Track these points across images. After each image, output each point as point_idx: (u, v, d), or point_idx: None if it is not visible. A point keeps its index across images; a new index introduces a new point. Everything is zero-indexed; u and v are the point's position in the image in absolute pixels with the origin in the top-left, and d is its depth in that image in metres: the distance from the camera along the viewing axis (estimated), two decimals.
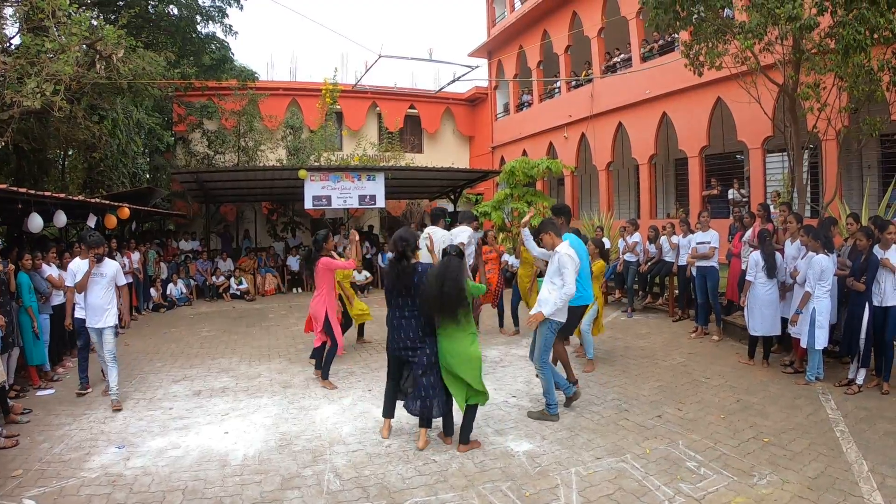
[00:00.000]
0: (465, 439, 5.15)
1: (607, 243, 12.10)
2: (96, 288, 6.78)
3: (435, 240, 7.51)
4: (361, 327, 9.54)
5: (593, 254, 7.97)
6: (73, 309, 7.43)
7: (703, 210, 10.35)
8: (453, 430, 5.31)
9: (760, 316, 7.55)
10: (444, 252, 5.21)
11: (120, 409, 6.48)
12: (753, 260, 7.63)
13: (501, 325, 10.13)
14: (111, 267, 6.95)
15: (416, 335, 5.18)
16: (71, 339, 8.69)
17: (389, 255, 5.97)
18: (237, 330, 11.29)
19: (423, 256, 6.44)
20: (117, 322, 6.95)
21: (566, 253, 5.70)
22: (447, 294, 4.82)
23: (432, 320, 5.11)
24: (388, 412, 5.53)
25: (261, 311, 13.64)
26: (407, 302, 5.22)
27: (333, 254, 7.58)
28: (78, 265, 6.98)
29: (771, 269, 7.45)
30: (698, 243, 9.45)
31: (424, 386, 5.11)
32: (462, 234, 8.01)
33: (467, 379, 5.01)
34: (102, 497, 4.41)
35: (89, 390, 7.27)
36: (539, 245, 6.16)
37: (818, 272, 6.70)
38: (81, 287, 6.82)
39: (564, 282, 5.60)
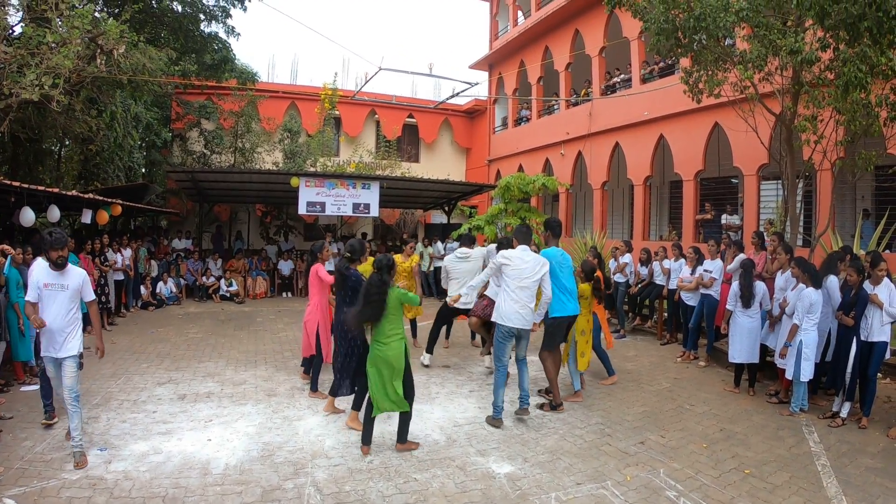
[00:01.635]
0: (402, 439, 5.57)
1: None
2: (54, 305, 5.24)
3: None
4: None
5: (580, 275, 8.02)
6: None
7: (711, 238, 10.32)
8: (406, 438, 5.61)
9: (740, 343, 7.64)
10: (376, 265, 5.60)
11: (84, 466, 4.96)
12: (733, 290, 7.78)
13: (473, 337, 10.25)
14: (75, 277, 5.36)
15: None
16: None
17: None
18: (225, 333, 11.26)
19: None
20: (81, 350, 5.41)
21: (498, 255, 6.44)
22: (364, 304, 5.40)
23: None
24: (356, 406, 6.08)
25: (249, 315, 13.61)
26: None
27: (326, 265, 7.63)
28: (39, 272, 5.31)
29: (747, 299, 7.54)
30: (704, 271, 9.52)
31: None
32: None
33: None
34: (83, 500, 4.39)
35: (55, 420, 5.95)
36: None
37: (807, 305, 6.75)
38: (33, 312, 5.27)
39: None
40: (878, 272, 6.61)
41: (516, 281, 6.20)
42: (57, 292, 5.26)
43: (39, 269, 5.34)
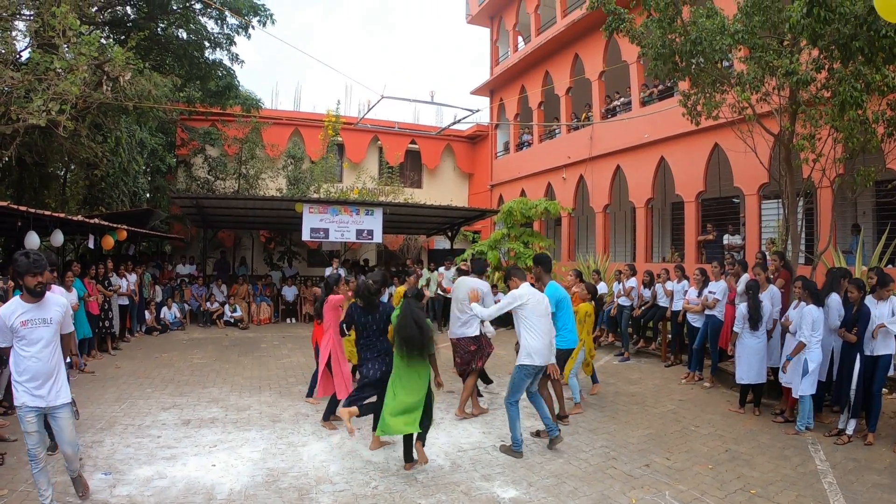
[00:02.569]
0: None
1: (602, 288, 12.22)
2: (38, 345, 4.37)
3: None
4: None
5: (584, 297, 8.20)
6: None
7: (716, 261, 10.31)
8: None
9: (748, 364, 7.65)
10: (405, 295, 5.96)
11: (88, 494, 4.81)
12: (740, 312, 7.79)
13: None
14: (57, 307, 4.54)
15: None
16: None
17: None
18: (229, 358, 11.26)
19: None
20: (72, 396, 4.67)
21: (514, 293, 6.27)
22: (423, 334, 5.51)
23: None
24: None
25: (254, 340, 13.61)
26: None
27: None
28: (9, 309, 4.41)
29: (755, 321, 7.57)
30: (708, 292, 9.54)
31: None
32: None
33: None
34: None
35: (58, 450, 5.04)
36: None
37: (810, 322, 6.77)
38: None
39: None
40: (886, 291, 6.66)
41: (538, 316, 6.16)
42: (38, 329, 4.38)
43: (11, 305, 4.43)
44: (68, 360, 5.50)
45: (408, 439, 5.63)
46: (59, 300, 4.62)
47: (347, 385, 6.80)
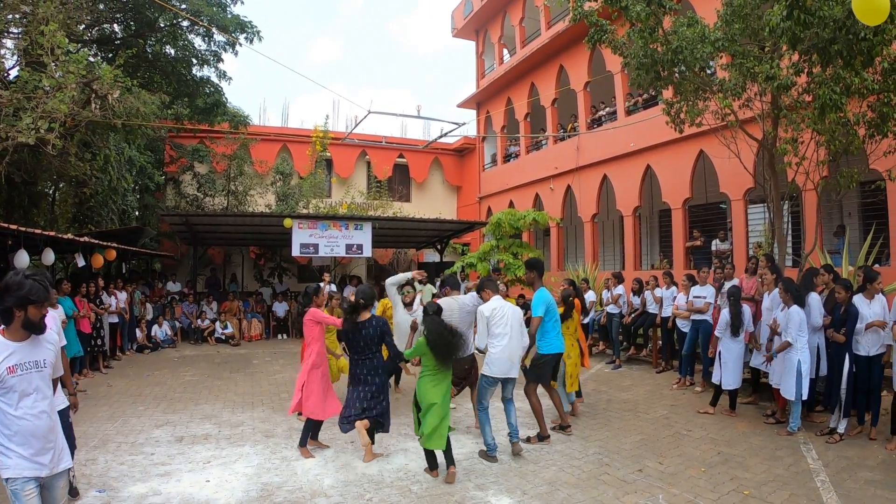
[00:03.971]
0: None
1: (591, 296, 12.31)
2: (31, 396, 3.28)
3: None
4: None
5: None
6: None
7: (703, 266, 10.35)
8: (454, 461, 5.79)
9: (735, 369, 7.75)
10: (425, 311, 6.11)
11: None
12: (724, 318, 7.88)
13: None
14: (49, 344, 3.47)
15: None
16: None
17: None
18: (221, 375, 11.23)
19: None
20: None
21: (480, 311, 6.52)
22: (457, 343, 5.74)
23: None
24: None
25: (245, 357, 13.57)
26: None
27: (321, 310, 7.03)
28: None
29: (737, 328, 7.68)
30: (695, 297, 9.62)
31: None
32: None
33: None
34: None
35: None
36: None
37: (797, 323, 6.85)
38: None
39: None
40: (876, 286, 6.76)
41: (503, 329, 6.39)
42: (31, 375, 3.29)
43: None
44: (65, 402, 4.75)
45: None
46: (52, 336, 3.49)
47: (316, 406, 6.50)
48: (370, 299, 6.24)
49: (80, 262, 11.74)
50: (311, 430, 6.64)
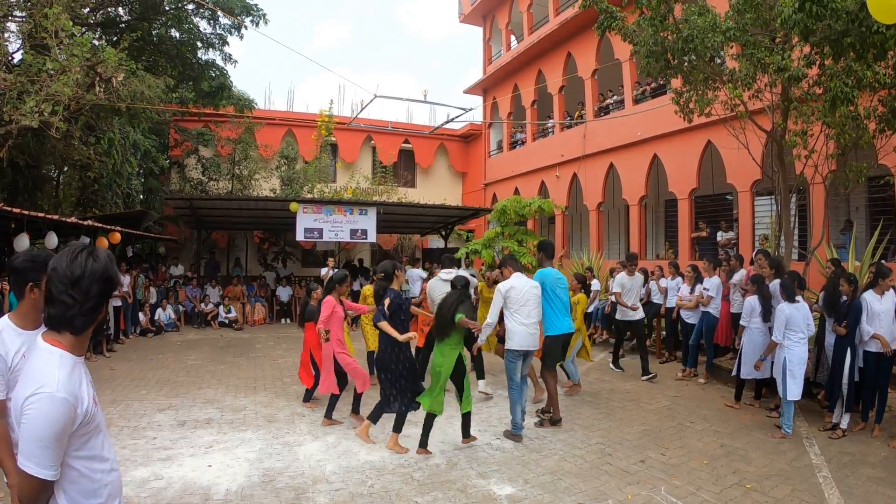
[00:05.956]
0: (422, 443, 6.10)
1: (595, 285, 12.29)
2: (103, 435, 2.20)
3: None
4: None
5: (575, 287, 8.43)
6: None
7: (707, 258, 10.30)
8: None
9: (754, 359, 7.59)
10: (453, 284, 6.53)
11: None
12: (750, 305, 7.69)
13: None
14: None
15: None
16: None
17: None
18: (224, 359, 11.24)
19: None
20: None
21: (498, 289, 6.65)
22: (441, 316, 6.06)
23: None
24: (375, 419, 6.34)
25: (248, 342, 13.59)
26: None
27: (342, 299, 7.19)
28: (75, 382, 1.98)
29: (767, 314, 7.52)
30: (703, 289, 9.55)
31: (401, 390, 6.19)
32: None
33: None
34: None
35: None
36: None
37: (782, 320, 6.76)
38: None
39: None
40: (886, 282, 6.70)
41: (522, 306, 6.52)
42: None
43: (66, 366, 2.02)
44: None
45: (466, 415, 6.24)
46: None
47: (332, 384, 6.92)
48: (391, 273, 6.55)
49: None
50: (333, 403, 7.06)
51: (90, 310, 2.04)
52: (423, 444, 6.05)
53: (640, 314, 9.94)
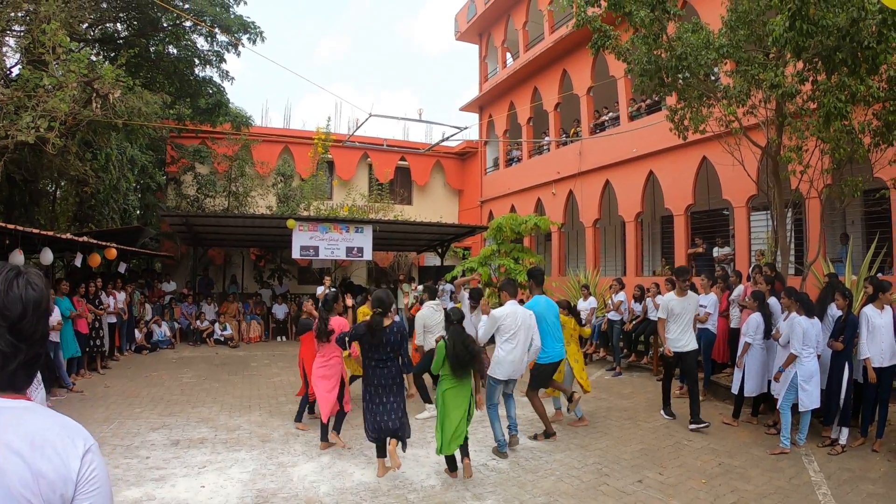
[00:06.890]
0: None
1: (592, 303, 12.29)
2: None
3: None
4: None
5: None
6: None
7: (705, 274, 10.26)
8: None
9: (758, 376, 7.58)
10: (448, 318, 6.32)
11: None
12: (755, 322, 7.65)
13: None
14: None
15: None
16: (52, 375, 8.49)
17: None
18: (219, 377, 11.16)
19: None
20: None
21: (493, 314, 6.65)
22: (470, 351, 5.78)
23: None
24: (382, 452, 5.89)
25: (243, 359, 13.51)
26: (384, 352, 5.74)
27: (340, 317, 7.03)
28: None
29: (768, 331, 7.53)
30: (700, 306, 9.51)
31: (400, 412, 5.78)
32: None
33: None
34: None
35: None
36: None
37: (800, 333, 6.72)
38: None
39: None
40: (886, 297, 6.68)
41: (514, 333, 6.54)
42: None
43: None
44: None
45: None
46: None
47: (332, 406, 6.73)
48: (388, 306, 5.77)
49: (78, 262, 11.70)
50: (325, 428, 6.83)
51: (34, 359, 1.46)
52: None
53: (692, 344, 7.93)
